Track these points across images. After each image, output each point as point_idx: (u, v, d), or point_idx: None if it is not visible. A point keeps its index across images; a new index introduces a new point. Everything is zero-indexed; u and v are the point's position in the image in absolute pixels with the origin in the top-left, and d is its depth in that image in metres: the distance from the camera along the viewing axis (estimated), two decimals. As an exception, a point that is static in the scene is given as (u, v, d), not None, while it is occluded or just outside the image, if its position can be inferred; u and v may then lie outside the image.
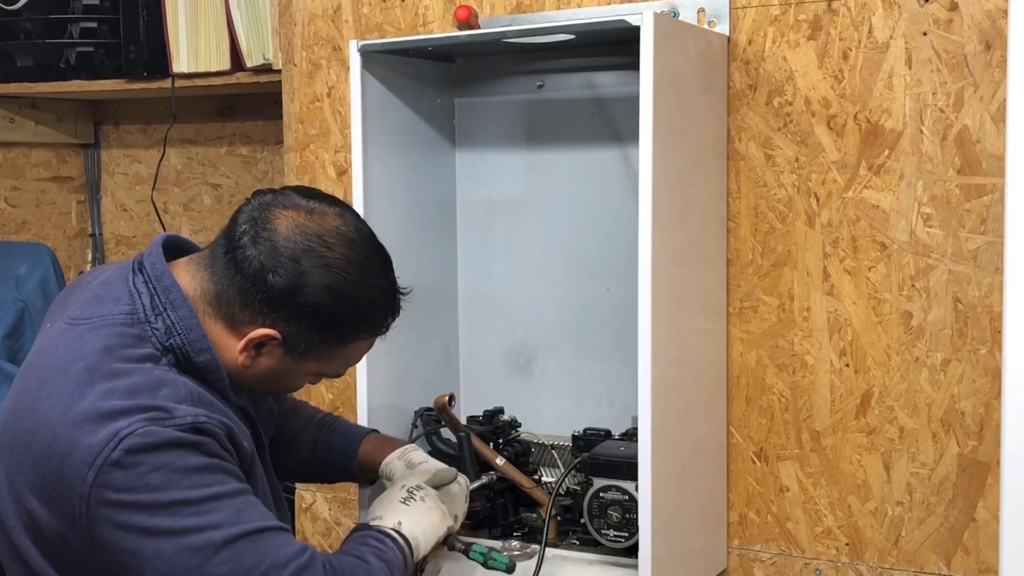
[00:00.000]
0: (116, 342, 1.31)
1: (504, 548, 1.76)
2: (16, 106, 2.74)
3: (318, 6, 2.14)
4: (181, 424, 1.26)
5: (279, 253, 1.32)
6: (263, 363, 1.38)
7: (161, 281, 1.35)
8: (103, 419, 1.23)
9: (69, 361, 1.29)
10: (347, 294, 1.35)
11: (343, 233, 1.36)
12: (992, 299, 1.66)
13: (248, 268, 1.33)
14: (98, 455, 1.22)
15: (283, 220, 1.34)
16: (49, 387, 1.28)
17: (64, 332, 1.34)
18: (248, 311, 1.34)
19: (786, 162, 1.79)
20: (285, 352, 1.37)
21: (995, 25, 1.62)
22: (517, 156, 1.99)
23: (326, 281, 1.33)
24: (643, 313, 1.55)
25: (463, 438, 1.77)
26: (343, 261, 1.35)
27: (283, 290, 1.32)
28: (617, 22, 1.57)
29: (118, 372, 1.28)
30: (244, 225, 1.35)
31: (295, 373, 1.42)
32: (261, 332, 1.34)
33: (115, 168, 2.96)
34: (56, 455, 1.24)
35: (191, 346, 1.34)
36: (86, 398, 1.25)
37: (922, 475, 1.73)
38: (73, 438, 1.23)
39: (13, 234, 2.79)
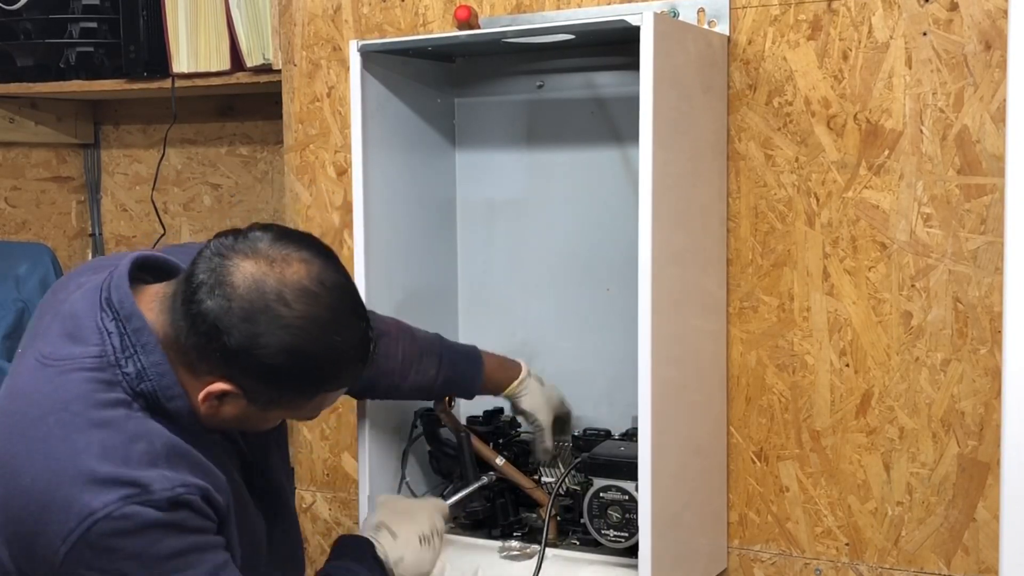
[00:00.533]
0: (88, 388, 1.27)
1: (504, 548, 1.76)
2: (16, 106, 2.74)
3: (318, 6, 2.14)
4: (158, 502, 1.22)
5: (233, 313, 1.24)
6: (227, 411, 1.32)
7: (131, 322, 1.29)
8: (75, 488, 1.21)
9: (41, 413, 1.26)
10: (307, 354, 1.27)
11: (304, 288, 1.27)
12: (992, 299, 1.66)
13: (202, 324, 1.26)
14: (71, 533, 1.20)
15: (241, 273, 1.26)
16: (20, 442, 1.25)
17: (35, 373, 1.30)
18: (205, 363, 1.28)
19: (786, 162, 1.79)
20: (248, 403, 1.31)
21: (995, 25, 1.62)
22: (517, 156, 1.99)
23: (283, 343, 1.25)
24: (643, 313, 1.55)
25: (463, 438, 1.77)
26: (302, 319, 1.26)
27: (237, 351, 1.25)
28: (617, 22, 1.57)
29: (91, 425, 1.25)
30: (202, 275, 1.27)
31: (262, 420, 1.37)
32: (219, 387, 1.28)
33: (115, 168, 2.96)
34: (29, 518, 1.22)
35: (162, 392, 1.29)
36: (58, 459, 1.23)
37: (922, 475, 1.73)
38: (46, 505, 1.22)
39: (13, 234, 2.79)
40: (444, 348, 1.75)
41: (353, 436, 2.16)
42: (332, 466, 2.23)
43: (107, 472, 1.22)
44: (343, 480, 2.22)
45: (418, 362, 1.70)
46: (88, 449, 1.24)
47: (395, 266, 1.85)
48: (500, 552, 1.76)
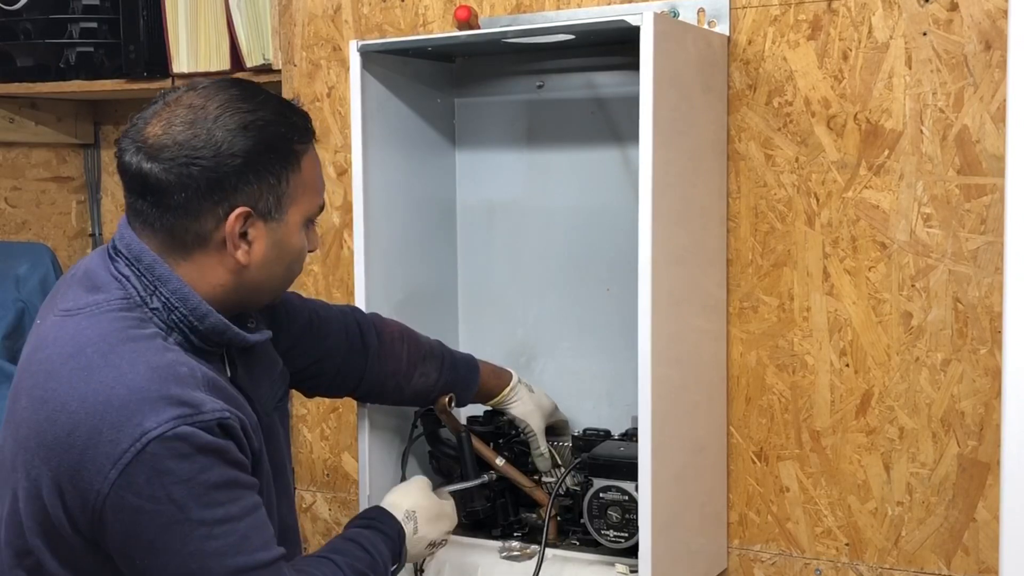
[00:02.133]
0: (121, 324, 1.26)
1: (504, 548, 1.76)
2: (16, 106, 2.74)
3: (318, 6, 2.14)
4: (208, 422, 1.21)
5: (177, 150, 1.26)
6: (258, 250, 1.32)
7: (143, 260, 1.30)
8: (127, 409, 1.19)
9: (76, 348, 1.24)
10: (254, 121, 1.30)
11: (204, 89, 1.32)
12: (992, 299, 1.66)
13: (169, 184, 1.27)
14: (122, 455, 1.17)
15: (151, 132, 1.29)
16: (59, 376, 1.23)
17: (60, 324, 1.29)
18: (204, 218, 1.28)
19: (786, 162, 1.79)
20: (265, 221, 1.32)
21: (995, 25, 1.62)
22: (517, 156, 1.99)
23: (230, 126, 1.28)
24: (643, 313, 1.55)
25: (463, 438, 1.77)
26: (225, 104, 1.29)
27: (210, 167, 1.27)
28: (617, 22, 1.57)
29: (132, 353, 1.23)
30: (131, 162, 1.29)
31: (290, 233, 1.35)
32: (232, 219, 1.29)
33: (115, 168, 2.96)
34: (78, 444, 1.19)
35: (193, 314, 1.29)
36: (104, 383, 1.20)
37: (922, 475, 1.73)
38: (96, 428, 1.18)
39: (13, 234, 2.79)
40: (445, 353, 1.76)
41: (353, 436, 2.16)
42: (332, 466, 2.23)
43: (158, 391, 1.20)
44: (343, 480, 2.22)
45: (421, 365, 1.71)
46: (134, 369, 1.21)
47: (395, 266, 1.85)
48: (500, 552, 1.76)
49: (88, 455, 1.18)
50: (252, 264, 1.33)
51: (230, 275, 1.32)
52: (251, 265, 1.33)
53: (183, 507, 1.20)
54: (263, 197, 1.31)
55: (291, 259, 1.39)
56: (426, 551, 1.61)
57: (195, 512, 1.20)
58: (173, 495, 1.19)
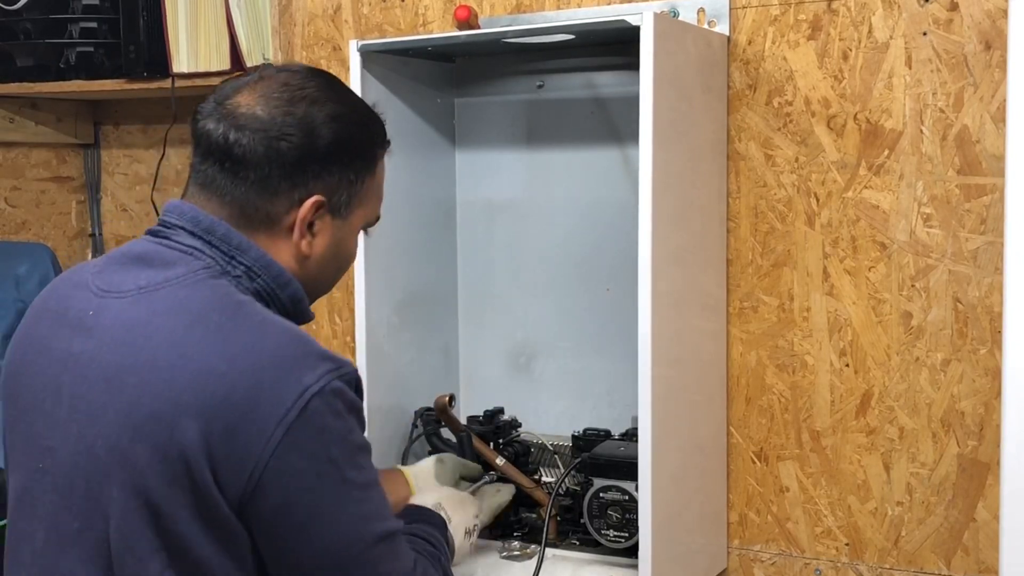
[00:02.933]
0: (224, 291, 1.20)
1: (504, 548, 1.76)
2: (16, 106, 2.74)
3: (318, 6, 2.14)
4: (351, 377, 1.18)
5: (270, 123, 1.23)
6: (320, 244, 1.28)
7: (216, 231, 1.23)
8: (283, 365, 1.13)
9: (194, 315, 1.16)
10: (347, 114, 1.29)
11: (300, 74, 1.29)
12: (992, 299, 1.66)
13: (255, 156, 1.23)
14: (287, 413, 1.11)
15: (242, 103, 1.25)
16: (188, 344, 1.14)
17: (146, 298, 1.19)
18: (279, 199, 1.24)
19: (786, 162, 1.79)
20: (333, 216, 1.28)
21: (995, 25, 1.62)
22: (517, 156, 1.99)
23: (326, 113, 1.26)
24: (643, 313, 1.55)
25: (463, 438, 1.77)
26: (322, 91, 1.28)
27: (299, 147, 1.24)
28: (617, 22, 1.57)
29: (257, 314, 1.18)
30: (215, 130, 1.24)
31: (350, 235, 1.33)
32: (307, 205, 1.25)
33: (115, 168, 2.96)
34: (237, 407, 1.11)
35: (276, 281, 1.25)
36: (248, 343, 1.14)
37: (922, 475, 1.73)
38: (255, 386, 1.12)
39: (13, 234, 2.79)
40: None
41: (353, 436, 2.16)
42: (332, 466, 2.23)
43: (303, 347, 1.16)
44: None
45: None
46: (273, 328, 1.18)
47: (395, 266, 1.85)
48: (500, 552, 1.76)
49: (248, 416, 1.11)
50: (312, 257, 1.29)
51: (294, 262, 1.28)
52: (311, 257, 1.29)
53: (341, 467, 1.15)
54: (338, 191, 1.28)
55: (344, 261, 1.36)
56: (465, 542, 1.54)
57: (348, 473, 1.16)
58: (332, 455, 1.14)
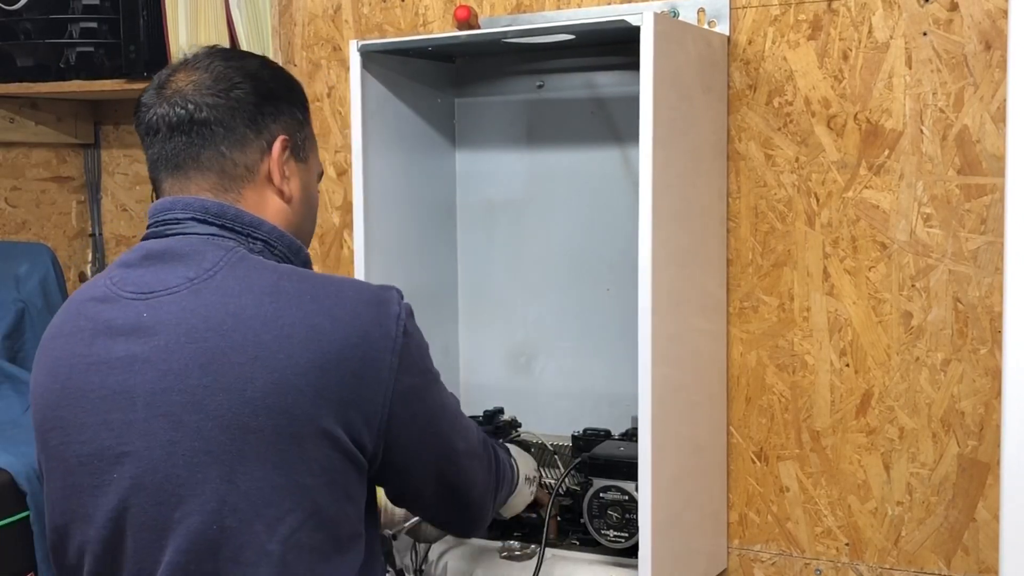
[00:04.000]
0: (269, 264, 1.26)
1: (504, 548, 1.76)
2: (16, 106, 2.74)
3: (318, 6, 2.14)
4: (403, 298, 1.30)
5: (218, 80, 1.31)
6: (294, 186, 1.35)
7: (227, 213, 1.28)
8: (372, 304, 1.25)
9: (264, 290, 1.22)
10: (270, 63, 1.39)
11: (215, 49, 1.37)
12: (992, 299, 1.66)
13: (216, 112, 1.29)
14: (395, 339, 1.24)
15: (182, 79, 1.31)
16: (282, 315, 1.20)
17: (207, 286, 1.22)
18: (250, 148, 1.31)
19: (786, 162, 1.79)
20: (296, 160, 1.36)
21: (995, 25, 1.62)
22: (517, 156, 1.99)
23: (256, 62, 1.36)
24: (643, 313, 1.55)
25: (463, 438, 1.77)
26: (244, 53, 1.41)
27: (252, 92, 1.31)
28: (617, 22, 1.57)
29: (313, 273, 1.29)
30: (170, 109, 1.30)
31: (311, 180, 1.40)
32: (277, 146, 1.33)
33: (115, 168, 2.96)
34: (356, 353, 1.21)
35: (290, 249, 1.32)
36: (332, 296, 1.23)
37: (922, 475, 1.73)
38: (362, 329, 1.22)
39: (13, 234, 2.78)
40: None
41: (353, 436, 2.16)
42: (332, 466, 2.23)
43: (370, 285, 1.30)
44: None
45: None
46: (338, 280, 1.28)
47: (395, 266, 1.85)
48: (500, 552, 1.76)
49: (368, 357, 1.22)
50: (292, 201, 1.36)
51: (282, 213, 1.34)
52: (292, 202, 1.36)
53: (433, 371, 1.32)
54: (295, 132, 1.36)
55: (313, 208, 1.43)
56: (525, 487, 1.64)
57: (436, 373, 1.33)
58: (429, 365, 1.31)
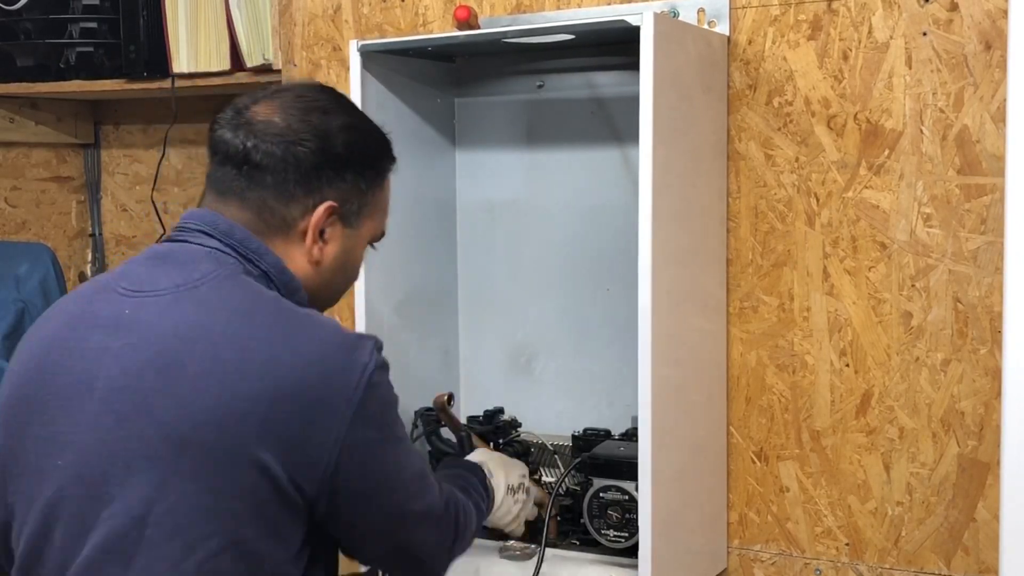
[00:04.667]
0: (257, 287, 1.26)
1: (504, 548, 1.76)
2: (16, 106, 2.74)
3: (318, 6, 2.14)
4: (381, 348, 1.26)
5: (287, 130, 1.29)
6: (330, 251, 1.33)
7: (234, 234, 1.28)
8: (343, 348, 1.22)
9: (244, 311, 1.22)
10: (359, 125, 1.36)
11: (314, 89, 1.37)
12: (992, 299, 1.66)
13: (271, 161, 1.28)
14: (355, 389, 1.20)
15: (260, 112, 1.30)
16: (249, 337, 1.20)
17: (188, 295, 1.23)
18: (294, 203, 1.30)
19: (786, 162, 1.79)
20: (344, 224, 1.34)
21: (995, 25, 1.62)
22: (517, 156, 1.99)
23: (340, 122, 1.32)
24: (643, 313, 1.55)
25: (463, 438, 1.77)
26: (334, 103, 1.35)
27: (315, 152, 1.29)
28: (617, 22, 1.57)
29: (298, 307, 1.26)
30: (233, 138, 1.29)
31: (358, 245, 1.38)
32: (321, 211, 1.30)
33: (115, 168, 2.96)
34: (310, 393, 1.18)
35: (287, 286, 1.30)
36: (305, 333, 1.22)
37: (922, 475, 1.73)
38: (324, 372, 1.19)
39: (13, 234, 2.79)
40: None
41: (353, 436, 2.16)
42: (332, 466, 2.23)
43: (348, 332, 1.26)
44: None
45: None
46: (319, 319, 1.26)
47: (395, 266, 1.85)
48: (500, 552, 1.76)
49: (321, 400, 1.19)
50: (323, 264, 1.34)
51: (309, 268, 1.33)
52: (322, 264, 1.34)
53: (394, 428, 1.28)
54: (350, 200, 1.34)
55: (351, 272, 1.41)
56: (508, 498, 1.62)
57: (398, 431, 1.29)
58: (388, 419, 1.26)
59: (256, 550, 1.18)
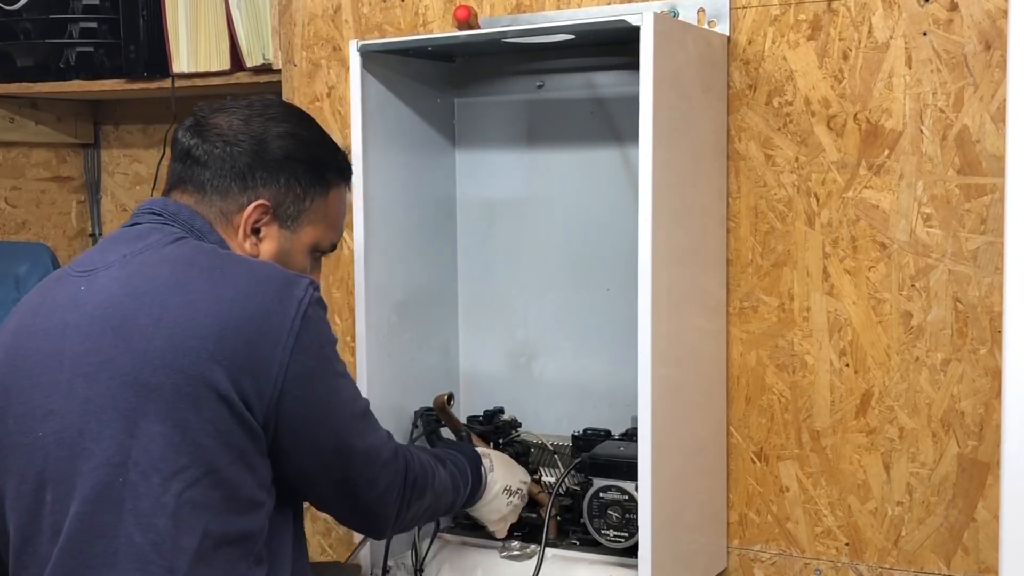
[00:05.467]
0: (201, 246, 1.36)
1: (504, 548, 1.76)
2: (16, 106, 2.74)
3: (318, 6, 2.14)
4: (318, 288, 1.34)
5: (228, 131, 1.40)
6: (266, 248, 1.42)
7: (181, 214, 1.39)
8: (279, 285, 1.30)
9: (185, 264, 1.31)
10: (306, 137, 1.45)
11: (270, 101, 1.48)
12: (992, 299, 1.66)
13: (210, 158, 1.39)
14: (293, 321, 1.28)
15: (213, 118, 1.42)
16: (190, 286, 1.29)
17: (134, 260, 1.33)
18: (230, 198, 1.40)
19: (786, 162, 1.79)
20: (280, 226, 1.43)
21: (995, 25, 1.62)
22: (517, 156, 1.99)
23: (281, 130, 1.42)
24: (643, 313, 1.55)
25: (463, 437, 1.77)
26: (288, 113, 1.47)
27: (248, 152, 1.40)
28: (617, 22, 1.57)
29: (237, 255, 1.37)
30: (183, 137, 1.42)
31: (297, 249, 1.45)
32: (250, 208, 1.40)
33: (115, 168, 2.96)
34: (252, 327, 1.27)
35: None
36: (245, 272, 1.31)
37: (922, 475, 1.73)
38: (262, 306, 1.28)
39: (13, 234, 2.79)
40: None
41: (353, 436, 2.16)
42: (332, 466, 2.23)
43: (286, 270, 1.35)
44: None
45: None
46: (256, 261, 1.37)
47: (395, 266, 1.85)
48: (500, 552, 1.76)
49: (263, 330, 1.27)
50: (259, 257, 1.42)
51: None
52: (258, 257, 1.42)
53: (332, 361, 1.34)
54: (285, 202, 1.43)
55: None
56: (503, 497, 1.67)
57: (337, 365, 1.35)
58: (326, 352, 1.33)
59: (229, 477, 1.26)
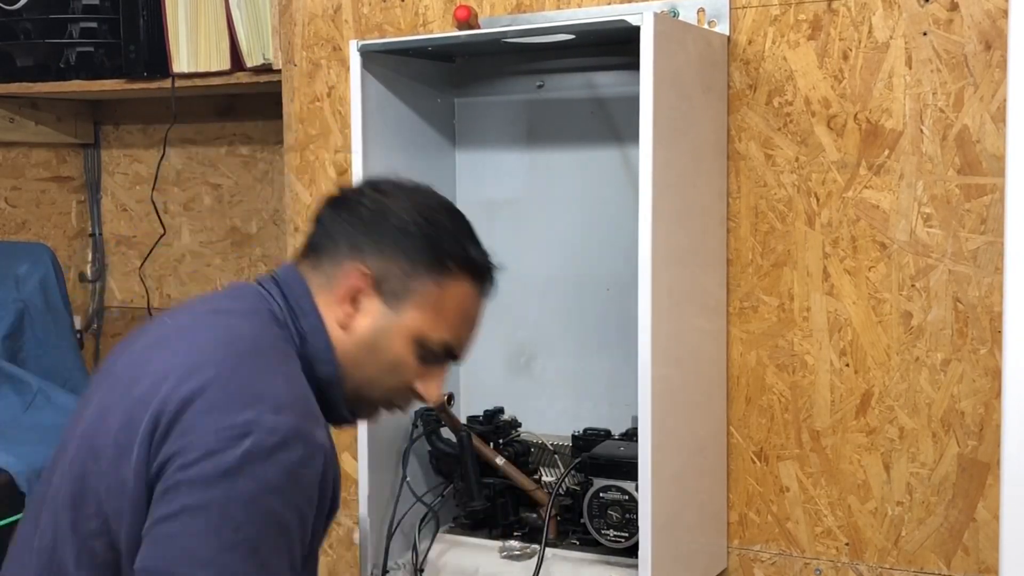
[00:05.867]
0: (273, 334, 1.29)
1: (504, 548, 1.76)
2: (16, 106, 2.74)
3: (318, 6, 2.14)
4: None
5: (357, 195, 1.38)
6: (362, 323, 1.32)
7: (294, 288, 1.33)
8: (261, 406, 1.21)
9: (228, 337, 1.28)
10: (429, 215, 1.35)
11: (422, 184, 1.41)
12: (992, 299, 1.66)
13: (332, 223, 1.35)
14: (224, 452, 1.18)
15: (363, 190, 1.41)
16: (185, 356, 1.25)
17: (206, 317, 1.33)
18: (337, 263, 1.33)
19: (786, 162, 1.79)
20: (383, 300, 1.31)
21: (995, 25, 1.62)
22: (517, 156, 1.99)
23: (409, 204, 1.35)
24: (643, 313, 1.55)
25: (463, 437, 1.77)
26: (426, 196, 1.38)
27: (367, 217, 1.34)
28: (617, 22, 1.57)
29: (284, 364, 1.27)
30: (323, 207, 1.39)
31: (396, 333, 1.32)
32: (353, 271, 1.31)
33: (115, 168, 2.96)
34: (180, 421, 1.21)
35: (317, 356, 1.30)
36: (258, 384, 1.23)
37: (922, 475, 1.73)
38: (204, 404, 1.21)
39: (13, 234, 2.79)
40: None
41: (353, 436, 2.16)
42: (332, 466, 2.23)
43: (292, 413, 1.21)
44: (343, 480, 2.22)
45: None
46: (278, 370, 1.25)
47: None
48: (500, 552, 1.76)
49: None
50: (351, 331, 1.32)
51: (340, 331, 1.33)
52: (350, 331, 1.32)
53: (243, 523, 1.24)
54: (391, 277, 1.32)
55: (384, 362, 1.34)
56: None
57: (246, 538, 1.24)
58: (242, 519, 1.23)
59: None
